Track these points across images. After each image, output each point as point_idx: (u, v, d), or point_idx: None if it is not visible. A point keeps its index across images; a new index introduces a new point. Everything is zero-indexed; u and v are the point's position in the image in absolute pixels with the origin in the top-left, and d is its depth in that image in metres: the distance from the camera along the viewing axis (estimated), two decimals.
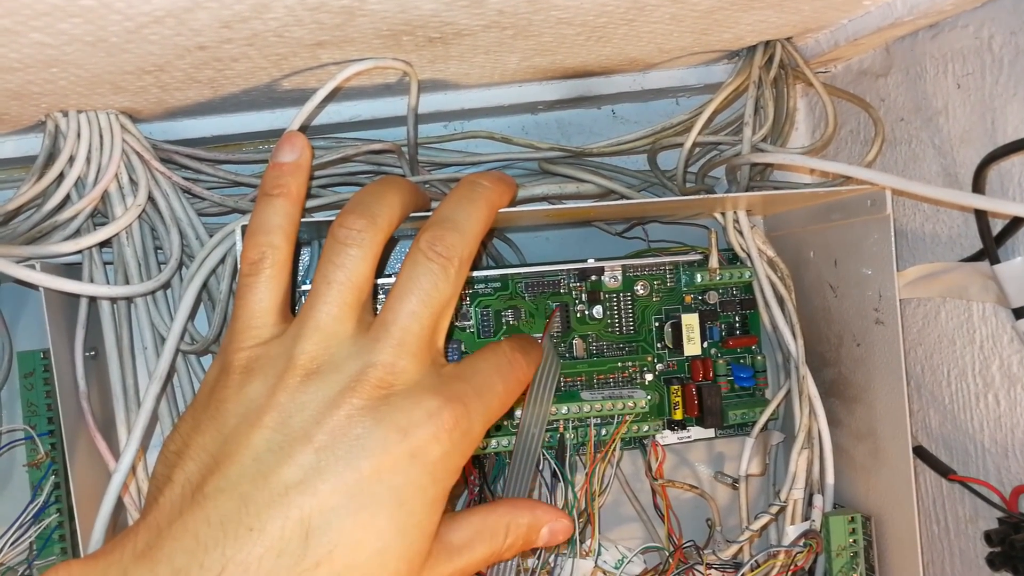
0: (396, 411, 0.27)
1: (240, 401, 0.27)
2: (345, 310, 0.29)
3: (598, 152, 0.51)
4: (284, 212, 0.31)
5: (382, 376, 0.27)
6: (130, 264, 0.44)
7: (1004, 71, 0.40)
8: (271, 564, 0.24)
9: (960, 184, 0.43)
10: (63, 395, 0.43)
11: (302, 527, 0.25)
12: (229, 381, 0.28)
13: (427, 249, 0.29)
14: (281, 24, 0.31)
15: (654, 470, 0.51)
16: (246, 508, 0.25)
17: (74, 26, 0.28)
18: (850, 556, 0.47)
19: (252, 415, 0.27)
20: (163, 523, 0.25)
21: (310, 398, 0.27)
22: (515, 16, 0.35)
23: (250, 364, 0.28)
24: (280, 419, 0.26)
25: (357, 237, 0.30)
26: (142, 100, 0.41)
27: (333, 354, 0.28)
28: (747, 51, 0.47)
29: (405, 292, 0.29)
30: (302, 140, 0.33)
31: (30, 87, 0.35)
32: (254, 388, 0.27)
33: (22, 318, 0.51)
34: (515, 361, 0.31)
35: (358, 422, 0.26)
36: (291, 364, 0.27)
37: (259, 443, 0.26)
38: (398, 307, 0.29)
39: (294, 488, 0.25)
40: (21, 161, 0.45)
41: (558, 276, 0.51)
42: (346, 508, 0.25)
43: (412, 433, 0.27)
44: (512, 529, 0.31)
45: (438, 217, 0.31)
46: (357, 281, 0.29)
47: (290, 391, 0.27)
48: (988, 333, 0.43)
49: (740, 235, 0.51)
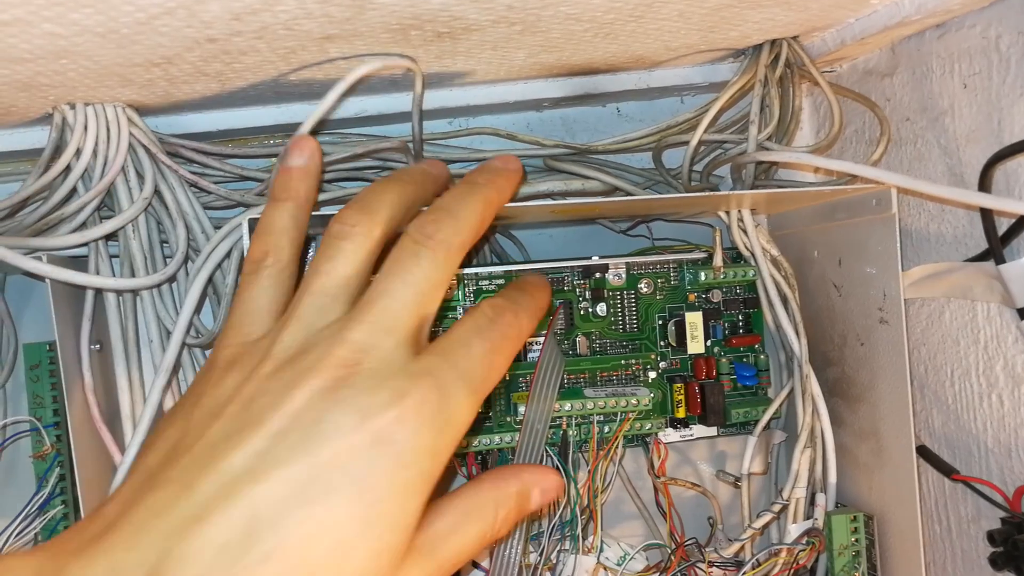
0: (359, 392, 0.25)
1: (213, 395, 0.26)
2: (330, 302, 0.28)
3: (603, 150, 0.51)
4: (291, 216, 0.31)
5: (347, 355, 0.26)
6: (136, 257, 0.44)
7: (1011, 71, 0.40)
8: (211, 558, 0.22)
9: (966, 184, 0.43)
10: (69, 387, 0.43)
11: (248, 519, 0.23)
12: (210, 377, 0.27)
13: (416, 233, 0.28)
14: (291, 17, 0.31)
15: (656, 468, 0.51)
16: (191, 498, 0.23)
17: (85, 16, 0.28)
18: (852, 555, 0.47)
19: (218, 407, 0.26)
20: (111, 514, 0.24)
21: (275, 384, 0.25)
22: (524, 11, 0.35)
23: (233, 359, 0.27)
24: (241, 407, 0.25)
25: (351, 232, 0.29)
26: (149, 93, 0.41)
27: (308, 341, 0.27)
28: (753, 50, 0.47)
29: (388, 273, 0.28)
30: (312, 144, 0.33)
31: (39, 79, 0.35)
32: (229, 381, 0.27)
33: (28, 310, 0.51)
34: (499, 318, 0.29)
35: (315, 405, 0.25)
36: (268, 356, 0.26)
37: (216, 432, 0.25)
38: (379, 287, 0.27)
39: (243, 477, 0.24)
40: (28, 154, 0.45)
41: (562, 273, 0.51)
42: (299, 499, 0.23)
43: (374, 415, 0.25)
44: (502, 501, 0.29)
45: (434, 206, 0.30)
46: (347, 275, 0.28)
47: (259, 380, 0.26)
48: (992, 333, 0.43)
49: (744, 234, 0.51)
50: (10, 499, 0.49)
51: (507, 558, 0.44)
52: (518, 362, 0.50)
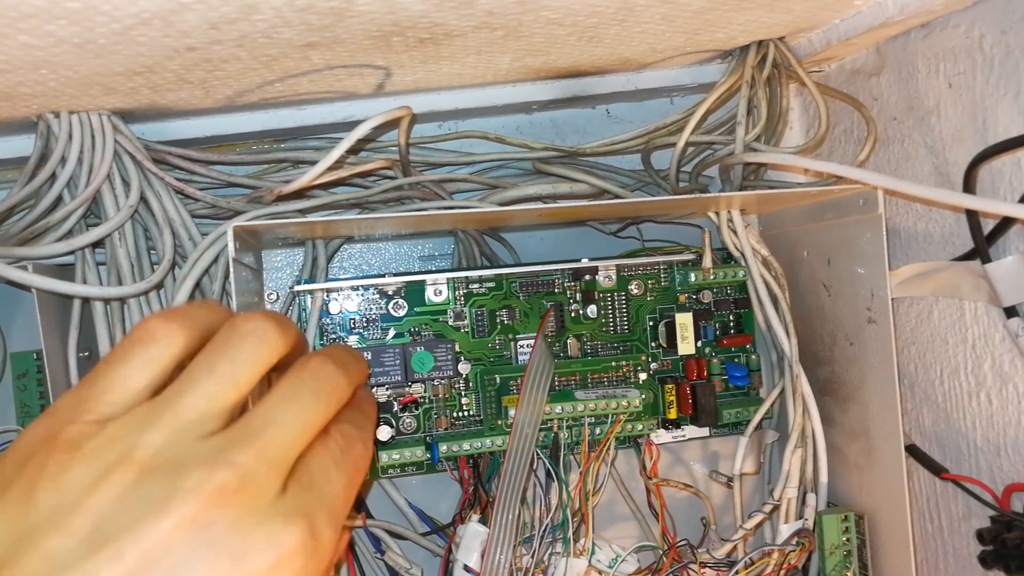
0: (233, 533, 0.22)
1: (55, 489, 0.22)
2: (216, 412, 0.24)
3: (592, 152, 0.51)
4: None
5: (229, 482, 0.22)
6: (123, 264, 0.44)
7: (995, 70, 0.40)
8: None
9: (952, 183, 0.43)
10: (56, 396, 0.43)
11: None
12: (50, 460, 0.23)
13: (316, 369, 0.26)
14: (270, 25, 0.31)
15: (648, 469, 0.51)
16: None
17: (60, 28, 0.28)
18: (843, 554, 0.47)
19: (63, 512, 0.22)
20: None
21: (136, 502, 0.22)
22: (505, 17, 0.35)
23: (80, 443, 0.23)
24: (92, 525, 0.21)
25: (264, 335, 0.26)
26: (134, 101, 0.41)
27: (181, 452, 0.23)
28: (740, 51, 0.47)
29: (282, 401, 0.25)
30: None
31: (20, 88, 0.35)
32: (75, 477, 0.22)
33: (16, 319, 0.51)
34: (351, 448, 0.27)
35: (184, 541, 0.21)
36: (128, 457, 0.22)
37: (58, 552, 0.21)
38: (272, 413, 0.25)
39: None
40: (13, 162, 0.45)
41: (552, 276, 0.51)
42: None
43: (248, 561, 0.22)
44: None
45: (326, 351, 0.28)
46: (242, 382, 0.25)
47: (116, 489, 0.22)
48: (980, 332, 0.43)
49: (734, 234, 0.51)
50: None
51: (498, 561, 0.44)
52: (509, 366, 0.50)
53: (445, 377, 0.49)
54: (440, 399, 0.49)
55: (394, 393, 0.49)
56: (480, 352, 0.50)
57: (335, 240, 0.52)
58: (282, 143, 0.50)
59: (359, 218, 0.44)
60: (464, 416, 0.50)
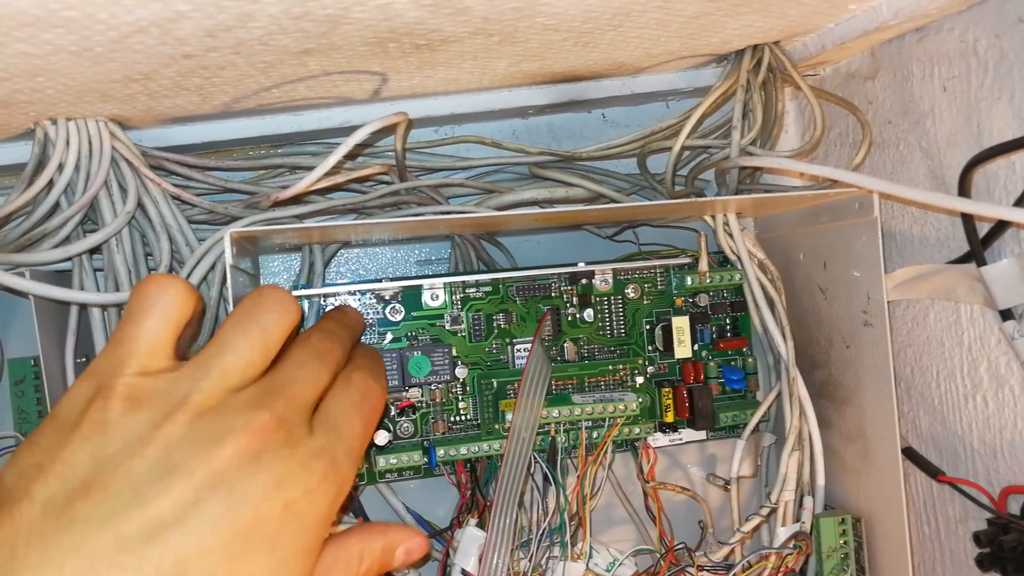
0: (276, 461, 0.27)
1: (122, 427, 0.26)
2: (251, 370, 0.29)
3: (588, 156, 0.51)
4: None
5: (269, 423, 0.27)
6: (120, 271, 0.44)
7: (989, 74, 0.40)
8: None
9: (947, 186, 0.43)
10: (54, 402, 0.43)
11: (178, 569, 0.24)
12: (109, 406, 0.27)
13: (317, 343, 0.33)
14: (266, 33, 0.31)
15: (646, 472, 0.51)
16: (120, 544, 0.24)
17: (58, 36, 0.28)
18: (841, 557, 0.47)
19: (134, 444, 0.26)
20: (19, 543, 0.23)
21: (198, 436, 0.26)
22: (500, 23, 0.35)
23: (135, 394, 0.27)
24: (164, 452, 0.26)
25: (288, 305, 0.31)
26: (131, 108, 0.41)
27: (226, 400, 0.28)
28: (736, 55, 0.48)
29: (304, 359, 0.31)
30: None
31: (17, 96, 0.35)
32: (139, 417, 0.26)
33: (13, 325, 0.51)
34: (369, 393, 0.33)
35: (241, 466, 0.26)
36: (184, 401, 0.27)
37: (138, 473, 0.25)
38: (293, 372, 0.30)
39: (172, 526, 0.24)
40: (10, 169, 0.45)
41: (549, 280, 0.51)
42: (223, 552, 0.25)
43: (287, 485, 0.27)
44: (366, 554, 0.31)
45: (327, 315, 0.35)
46: (271, 345, 0.30)
47: (178, 426, 0.26)
48: (976, 335, 0.43)
49: (730, 237, 0.51)
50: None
51: (496, 565, 0.44)
52: (506, 370, 0.50)
53: (442, 381, 0.49)
54: (437, 403, 0.50)
55: (391, 398, 0.49)
56: (477, 356, 0.50)
57: (332, 245, 0.52)
58: (279, 148, 0.50)
59: (356, 223, 0.44)
60: (461, 420, 0.50)
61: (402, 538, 0.33)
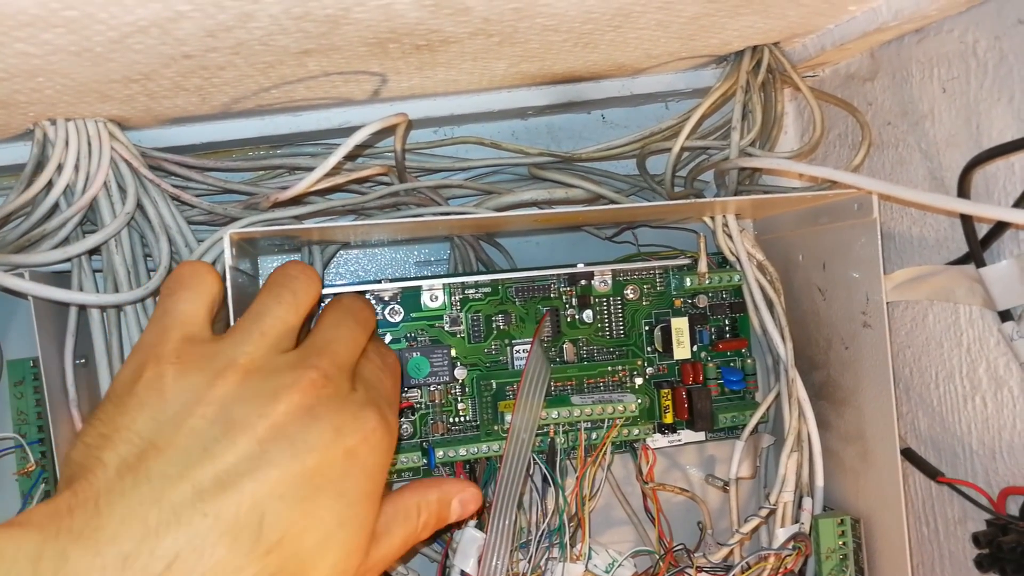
0: (331, 412, 0.29)
1: (177, 389, 0.27)
2: (289, 334, 0.31)
3: (587, 157, 0.51)
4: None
5: (317, 379, 0.29)
6: (119, 272, 0.44)
7: (989, 75, 0.40)
8: (225, 551, 0.24)
9: (947, 187, 0.43)
10: (53, 403, 0.43)
11: (256, 513, 0.25)
12: (162, 371, 0.28)
13: (350, 302, 0.36)
14: (266, 33, 0.31)
15: (645, 473, 0.51)
16: (197, 493, 0.25)
17: (57, 36, 0.28)
18: (840, 558, 0.47)
19: (191, 403, 0.27)
20: (101, 503, 0.24)
21: (251, 393, 0.28)
22: (501, 23, 0.35)
23: (185, 357, 0.29)
24: (221, 409, 0.27)
25: (311, 275, 0.34)
26: (130, 108, 0.41)
27: (272, 359, 0.29)
28: (735, 56, 0.48)
29: (334, 326, 0.33)
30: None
31: (16, 96, 0.35)
32: (192, 379, 0.28)
33: (12, 326, 0.51)
34: (388, 356, 0.37)
35: (298, 418, 0.28)
36: (232, 363, 0.28)
37: (202, 429, 0.26)
38: (330, 333, 0.33)
39: (243, 475, 0.26)
40: (9, 169, 0.45)
41: (548, 281, 0.51)
42: (293, 497, 0.26)
43: (345, 433, 0.29)
44: (423, 507, 0.33)
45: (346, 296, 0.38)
46: (302, 309, 0.32)
47: (230, 384, 0.28)
48: (975, 336, 0.43)
49: (729, 239, 0.51)
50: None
51: (495, 567, 0.44)
52: (505, 371, 0.50)
53: (441, 383, 0.49)
54: (436, 404, 0.49)
55: None
56: (476, 357, 0.50)
57: (331, 246, 0.52)
58: (278, 149, 0.50)
59: (355, 224, 0.44)
60: (460, 421, 0.50)
61: (456, 490, 0.35)
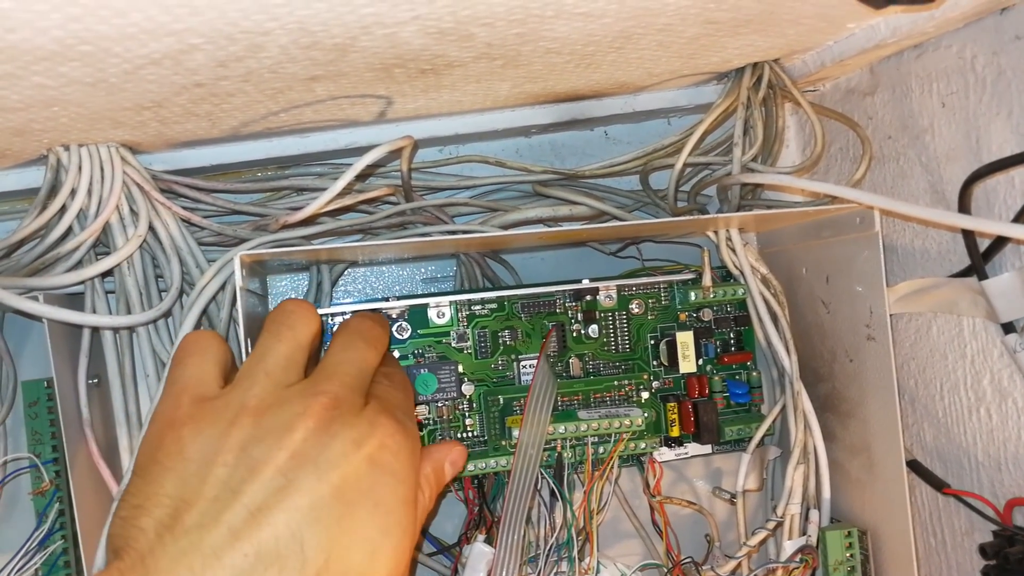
0: (347, 427, 0.30)
1: (196, 445, 0.28)
2: (293, 366, 0.32)
3: (591, 174, 0.52)
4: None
5: (328, 402, 0.30)
6: (131, 293, 0.44)
7: (987, 90, 0.40)
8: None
9: (947, 200, 0.44)
10: (67, 423, 0.44)
11: (296, 541, 0.26)
12: (179, 434, 0.29)
13: (358, 323, 0.37)
14: (275, 62, 0.32)
15: (652, 487, 0.51)
16: (233, 533, 0.26)
17: (73, 69, 0.29)
18: (847, 570, 0.47)
19: (212, 455, 0.28)
20: (148, 563, 0.25)
21: (266, 431, 0.29)
22: (504, 48, 0.36)
23: (197, 416, 0.30)
24: (241, 452, 0.28)
25: (308, 310, 0.34)
26: (141, 133, 0.41)
27: (281, 396, 0.30)
28: (736, 72, 0.48)
29: (343, 349, 0.34)
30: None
31: (32, 125, 0.36)
32: (208, 433, 0.29)
33: (26, 347, 0.52)
34: (397, 373, 0.38)
35: (317, 440, 0.29)
36: (243, 407, 0.29)
37: (226, 475, 0.27)
38: (339, 357, 0.34)
39: (273, 507, 0.27)
40: (24, 193, 0.46)
41: (554, 297, 0.52)
42: (329, 518, 0.27)
43: (364, 443, 0.30)
44: (424, 483, 0.34)
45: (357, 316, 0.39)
46: (303, 342, 0.33)
47: (245, 428, 0.29)
48: (979, 347, 0.43)
49: (733, 253, 0.51)
50: (10, 535, 0.49)
51: None
52: (512, 386, 0.51)
53: (449, 398, 0.50)
54: (444, 420, 0.50)
55: None
56: (483, 373, 0.51)
57: (339, 264, 0.53)
58: (286, 170, 0.51)
59: (363, 244, 0.45)
60: (468, 437, 0.50)
61: (443, 454, 0.36)
